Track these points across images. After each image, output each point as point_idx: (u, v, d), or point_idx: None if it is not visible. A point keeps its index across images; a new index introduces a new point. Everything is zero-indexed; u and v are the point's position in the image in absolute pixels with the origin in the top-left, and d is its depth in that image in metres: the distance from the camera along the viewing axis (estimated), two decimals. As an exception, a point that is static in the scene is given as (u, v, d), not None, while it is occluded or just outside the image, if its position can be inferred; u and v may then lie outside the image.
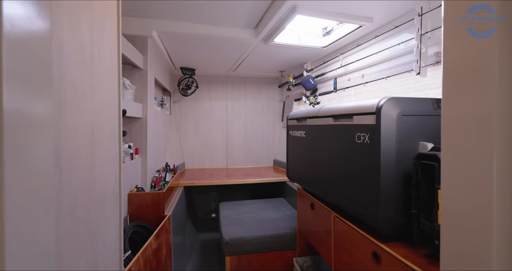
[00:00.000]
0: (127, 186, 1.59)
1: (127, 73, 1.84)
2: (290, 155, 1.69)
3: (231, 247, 1.78)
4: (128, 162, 1.61)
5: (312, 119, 1.38)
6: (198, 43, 2.16)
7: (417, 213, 0.81)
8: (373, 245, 0.93)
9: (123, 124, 1.82)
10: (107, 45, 0.83)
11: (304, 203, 1.59)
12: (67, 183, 0.58)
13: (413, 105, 0.89)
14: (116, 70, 0.90)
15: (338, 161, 1.12)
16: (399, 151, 0.86)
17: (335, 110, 1.15)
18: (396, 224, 0.87)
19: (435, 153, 0.73)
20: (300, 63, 2.76)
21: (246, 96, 3.55)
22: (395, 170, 0.86)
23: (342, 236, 1.14)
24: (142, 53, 1.89)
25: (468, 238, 0.50)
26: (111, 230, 0.83)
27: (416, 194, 0.81)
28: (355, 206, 1.00)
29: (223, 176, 2.89)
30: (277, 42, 2.07)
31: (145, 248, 1.18)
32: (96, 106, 0.73)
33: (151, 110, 2.01)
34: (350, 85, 2.04)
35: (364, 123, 0.94)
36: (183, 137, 3.38)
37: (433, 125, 0.89)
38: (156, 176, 2.05)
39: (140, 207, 1.60)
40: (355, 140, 0.99)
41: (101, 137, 0.76)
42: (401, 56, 1.62)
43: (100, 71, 0.77)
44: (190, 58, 2.63)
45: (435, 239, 0.72)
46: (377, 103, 0.88)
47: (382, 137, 0.85)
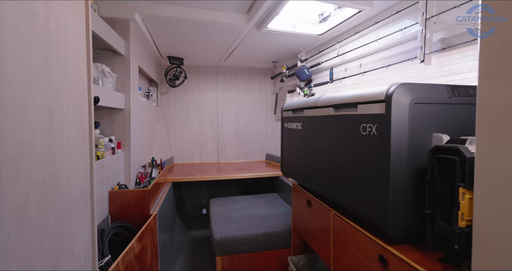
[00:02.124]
0: (107, 183, 1.45)
1: (107, 60, 1.68)
2: (285, 148, 1.59)
3: (222, 247, 1.68)
4: (109, 157, 1.47)
5: (309, 110, 1.27)
6: (185, 29, 2.00)
7: (431, 213, 0.72)
8: (379, 248, 0.84)
9: (102, 116, 1.67)
10: (71, 18, 0.69)
11: (300, 199, 1.50)
12: (9, 182, 0.46)
13: (427, 92, 0.79)
14: (84, 49, 0.76)
15: (340, 155, 1.02)
16: (411, 143, 0.76)
17: (337, 100, 1.05)
18: (406, 225, 0.78)
19: (456, 146, 0.64)
20: (294, 53, 2.64)
21: (238, 88, 3.41)
22: (406, 165, 0.76)
23: (343, 235, 1.06)
24: (123, 39, 1.73)
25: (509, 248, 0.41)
26: (80, 235, 0.71)
27: (430, 192, 0.72)
28: (359, 204, 0.90)
29: (213, 171, 2.78)
30: (271, 29, 1.94)
31: (126, 252, 1.06)
32: (55, 89, 0.60)
33: (135, 101, 1.86)
34: (347, 75, 1.94)
35: (371, 113, 0.84)
36: (171, 130, 3.23)
37: (448, 115, 0.80)
38: (141, 172, 1.92)
39: (122, 206, 1.48)
40: (360, 132, 0.89)
41: (63, 127, 0.63)
42: (402, 43, 1.52)
43: (61, 48, 0.63)
44: (178, 46, 2.47)
45: (455, 244, 0.63)
46: (387, 90, 0.78)
47: (393, 127, 0.75)
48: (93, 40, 1.49)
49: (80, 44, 0.74)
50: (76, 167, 0.69)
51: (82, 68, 0.74)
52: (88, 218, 0.76)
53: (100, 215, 1.35)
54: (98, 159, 1.38)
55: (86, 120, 0.76)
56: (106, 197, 1.44)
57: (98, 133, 1.47)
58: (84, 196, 0.73)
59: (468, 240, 0.61)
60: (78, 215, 0.70)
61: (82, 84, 0.74)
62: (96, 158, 1.38)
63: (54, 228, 0.59)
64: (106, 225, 1.40)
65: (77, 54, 0.72)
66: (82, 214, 0.72)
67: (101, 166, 1.36)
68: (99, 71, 1.49)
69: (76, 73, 0.71)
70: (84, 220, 0.73)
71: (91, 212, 0.78)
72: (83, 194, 0.73)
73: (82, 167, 0.72)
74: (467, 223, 0.62)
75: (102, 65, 1.51)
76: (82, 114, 0.73)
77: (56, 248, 0.59)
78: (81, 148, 0.72)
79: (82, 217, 0.72)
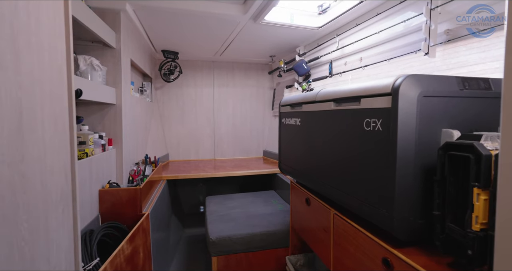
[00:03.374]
0: (97, 182, 1.39)
1: (97, 53, 1.60)
2: (283, 145, 1.53)
3: (218, 247, 1.63)
4: (99, 155, 1.41)
5: (308, 104, 1.21)
6: (180, 21, 1.92)
7: (440, 215, 0.67)
8: (383, 250, 0.79)
9: (92, 111, 1.60)
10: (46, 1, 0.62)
11: (298, 198, 1.44)
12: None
13: (436, 84, 0.73)
14: (63, 36, 0.69)
15: (341, 152, 0.97)
16: (419, 139, 0.71)
17: (338, 93, 0.99)
18: (412, 227, 0.73)
19: (470, 142, 0.58)
20: (292, 47, 2.57)
21: (235, 83, 3.34)
22: (413, 163, 0.71)
23: (344, 236, 1.01)
24: (114, 30, 1.65)
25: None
26: (59, 241, 0.65)
27: (440, 192, 0.67)
28: (362, 204, 0.85)
29: (210, 168, 2.72)
30: (268, 21, 1.87)
31: (115, 255, 1.00)
32: (25, 80, 0.53)
33: (127, 95, 1.78)
34: (347, 69, 1.88)
35: (376, 107, 0.78)
36: (166, 126, 3.16)
37: (458, 109, 0.75)
38: (134, 169, 1.85)
39: (113, 205, 1.42)
40: (363, 127, 0.83)
41: (36, 122, 0.56)
42: (405, 35, 1.46)
43: (32, 32, 0.56)
44: (172, 39, 2.39)
45: (468, 248, 0.58)
46: (393, 82, 0.72)
47: (400, 122, 0.70)
48: (82, 32, 1.42)
49: (58, 30, 0.67)
50: (53, 166, 0.62)
51: (60, 57, 0.67)
52: (70, 221, 0.70)
53: (89, 215, 1.29)
54: (87, 156, 1.32)
55: (66, 115, 0.69)
56: (96, 196, 1.38)
57: (87, 129, 1.40)
58: (64, 198, 0.67)
59: (482, 245, 0.57)
60: (57, 218, 0.64)
61: (61, 75, 0.67)
62: (85, 155, 1.31)
63: (26, 234, 0.53)
64: (96, 225, 1.34)
65: (54, 41, 0.65)
66: (62, 217, 0.66)
67: (90, 164, 1.30)
68: (87, 64, 1.41)
69: (53, 63, 0.64)
70: (64, 223, 0.67)
71: (73, 214, 0.72)
72: (63, 195, 0.66)
73: (60, 166, 0.66)
74: (481, 227, 0.56)
75: (91, 58, 1.43)
76: (60, 108, 0.67)
77: (29, 257, 0.53)
78: (59, 145, 0.65)
79: (62, 221, 0.66)
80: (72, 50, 0.72)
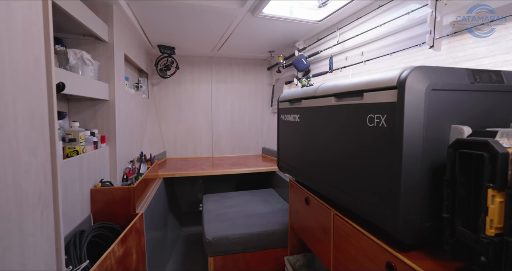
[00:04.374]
0: (89, 181, 1.34)
1: (89, 47, 1.54)
2: (282, 142, 1.48)
3: (215, 247, 1.58)
4: (90, 152, 1.36)
5: (308, 100, 1.16)
6: (175, 15, 1.86)
7: (450, 217, 0.62)
8: (387, 254, 0.74)
9: (84, 108, 1.54)
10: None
11: (297, 197, 1.40)
12: None
13: (445, 77, 0.68)
14: (41, 24, 0.63)
15: (342, 150, 0.91)
16: (427, 136, 0.66)
17: (339, 88, 0.94)
18: (419, 230, 0.68)
19: (485, 139, 0.53)
20: (292, 42, 2.51)
21: (233, 80, 3.28)
22: (420, 161, 0.66)
23: (344, 237, 0.96)
24: (106, 23, 1.58)
25: None
26: (37, 245, 0.60)
27: (450, 192, 0.62)
28: (364, 205, 0.80)
29: (207, 165, 2.67)
30: (266, 14, 1.80)
31: (105, 257, 0.95)
32: (-8, 70, 0.48)
33: (121, 91, 1.73)
34: (347, 64, 1.82)
35: (380, 101, 0.73)
36: (163, 123, 3.10)
37: (468, 103, 0.70)
38: (129, 168, 1.80)
39: (106, 205, 1.37)
40: (366, 123, 0.78)
41: (7, 117, 0.51)
42: (409, 28, 1.40)
43: (1, 18, 0.51)
44: (168, 34, 2.32)
45: (481, 255, 0.54)
46: (399, 75, 0.67)
47: (406, 118, 0.64)
48: (72, 25, 1.36)
49: (34, 17, 0.61)
50: (29, 166, 0.57)
51: (37, 47, 0.62)
52: (50, 224, 0.65)
53: (80, 215, 1.25)
54: (77, 154, 1.27)
55: (45, 110, 0.64)
56: (88, 195, 1.33)
57: (77, 126, 1.34)
58: (43, 200, 0.62)
59: (497, 251, 0.52)
60: (34, 221, 0.59)
61: (38, 66, 0.62)
62: (75, 153, 1.26)
63: (-3, 242, 0.48)
64: (87, 225, 1.29)
65: (29, 29, 0.59)
66: (41, 220, 0.61)
67: (81, 162, 1.25)
68: (77, 58, 1.36)
69: (28, 53, 0.59)
70: (43, 227, 0.62)
71: (55, 217, 0.67)
72: (41, 197, 0.61)
73: (38, 165, 0.60)
74: (496, 231, 0.52)
75: (81, 52, 1.37)
76: (38, 102, 0.61)
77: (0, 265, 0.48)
78: (37, 142, 0.60)
79: (41, 224, 0.61)
80: (52, 39, 0.66)
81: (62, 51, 1.32)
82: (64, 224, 1.08)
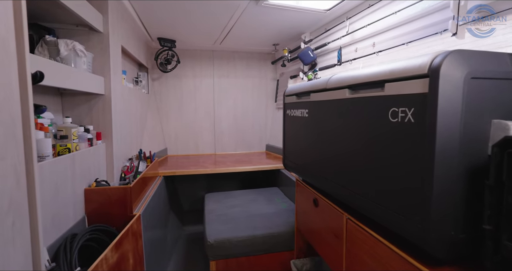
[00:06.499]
0: (82, 180, 1.26)
1: (83, 38, 1.45)
2: (288, 139, 1.38)
3: (216, 250, 1.50)
4: (84, 150, 1.27)
5: (318, 93, 1.06)
6: (175, 5, 1.76)
7: (493, 229, 0.52)
8: (411, 267, 0.65)
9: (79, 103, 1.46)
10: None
11: (304, 197, 1.31)
12: None
13: (487, 63, 0.57)
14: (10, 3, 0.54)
15: (357, 148, 0.82)
16: (465, 133, 0.56)
17: (355, 78, 0.83)
18: (452, 242, 0.58)
19: (546, 137, 0.43)
20: (297, 34, 2.39)
21: (236, 74, 3.17)
22: (456, 162, 0.56)
23: (358, 245, 0.87)
24: (101, 13, 1.49)
25: None
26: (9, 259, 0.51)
27: (493, 200, 0.52)
28: (385, 212, 0.71)
29: (210, 163, 2.58)
30: (271, 3, 1.69)
31: (96, 265, 0.87)
32: None
33: (117, 85, 1.64)
34: (357, 56, 1.71)
35: (406, 93, 0.63)
36: (164, 119, 3.02)
37: None
38: (127, 166, 1.72)
39: (101, 206, 1.29)
40: (389, 118, 0.68)
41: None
42: (426, 15, 1.29)
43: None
44: (168, 25, 2.22)
45: (539, 279, 0.44)
46: (431, 60, 0.57)
47: (440, 111, 0.54)
48: (64, 14, 1.27)
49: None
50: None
51: (4, 29, 0.53)
52: (26, 234, 0.56)
53: (73, 217, 1.17)
54: (69, 151, 1.18)
55: (17, 104, 0.55)
56: (81, 195, 1.25)
57: (70, 122, 1.26)
58: (15, 207, 0.53)
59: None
60: (4, 232, 0.50)
61: (7, 52, 0.53)
62: (67, 150, 1.18)
63: None
64: (81, 228, 1.21)
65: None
66: (12, 230, 0.53)
67: (73, 160, 1.16)
68: (69, 49, 1.26)
69: (-7, 35, 0.49)
70: (16, 237, 0.54)
71: (31, 227, 0.58)
72: (12, 204, 0.52)
73: (8, 168, 0.52)
74: (559, 250, 0.42)
75: (73, 42, 1.28)
76: (7, 96, 0.52)
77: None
78: (5, 140, 0.51)
79: (13, 235, 0.53)
80: (25, 21, 0.57)
81: (53, 42, 1.23)
82: (54, 227, 1.01)
